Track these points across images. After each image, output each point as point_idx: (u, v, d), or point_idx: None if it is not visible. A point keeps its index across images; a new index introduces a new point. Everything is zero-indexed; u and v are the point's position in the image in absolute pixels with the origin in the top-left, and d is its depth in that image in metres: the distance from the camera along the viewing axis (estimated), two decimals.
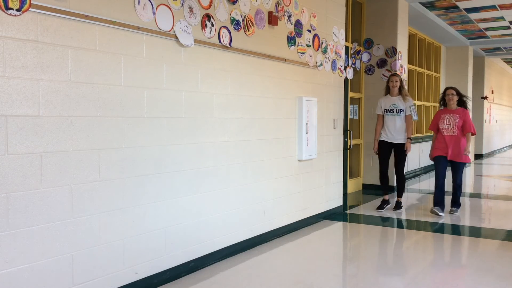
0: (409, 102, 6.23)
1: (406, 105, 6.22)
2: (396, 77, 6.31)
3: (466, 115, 5.94)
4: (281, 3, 4.79)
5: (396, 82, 6.27)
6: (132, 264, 3.27)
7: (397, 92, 6.30)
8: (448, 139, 5.94)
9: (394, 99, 6.29)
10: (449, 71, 12.46)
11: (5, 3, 2.47)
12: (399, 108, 6.21)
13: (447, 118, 5.96)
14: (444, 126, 5.96)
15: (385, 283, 3.71)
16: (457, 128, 5.88)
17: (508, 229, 5.44)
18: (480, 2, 8.27)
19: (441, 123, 6.00)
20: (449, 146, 5.91)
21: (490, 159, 14.78)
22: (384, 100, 6.38)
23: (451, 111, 5.99)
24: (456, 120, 5.90)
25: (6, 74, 2.50)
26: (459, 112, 5.97)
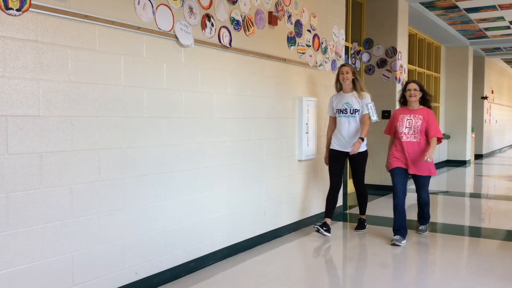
0: (366, 98, 4.94)
1: (362, 103, 4.93)
2: (347, 67, 4.96)
3: (431, 117, 4.77)
4: (281, 3, 4.79)
5: (347, 74, 4.90)
6: (132, 264, 3.27)
7: (350, 87, 4.97)
8: (408, 147, 4.72)
9: (347, 96, 4.98)
10: (449, 71, 12.46)
11: (5, 3, 2.47)
12: (354, 108, 4.93)
13: (407, 120, 4.76)
14: (404, 130, 4.75)
15: (385, 283, 3.71)
16: (420, 132, 4.70)
17: (508, 229, 5.44)
18: (480, 2, 8.27)
19: (399, 125, 4.78)
20: (409, 155, 4.72)
21: (490, 159, 14.78)
22: (336, 98, 5.09)
23: (412, 111, 4.79)
24: (418, 123, 4.70)
25: (6, 74, 2.50)
26: (423, 112, 4.76)
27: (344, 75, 4.93)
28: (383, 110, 8.04)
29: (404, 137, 4.75)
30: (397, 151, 4.82)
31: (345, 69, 4.94)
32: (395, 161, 4.81)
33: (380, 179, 8.09)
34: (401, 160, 4.78)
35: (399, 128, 4.79)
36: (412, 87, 4.80)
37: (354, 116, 4.95)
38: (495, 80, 16.64)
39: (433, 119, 4.78)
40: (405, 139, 4.75)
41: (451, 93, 12.48)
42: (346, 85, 4.96)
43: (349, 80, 4.94)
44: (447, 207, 7.05)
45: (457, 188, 9.10)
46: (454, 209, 6.80)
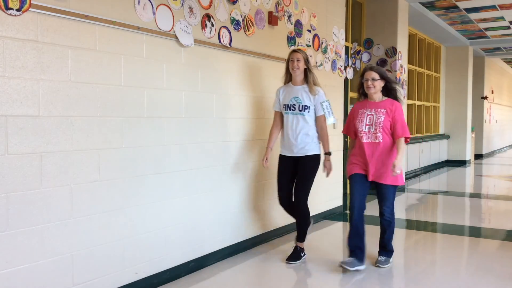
0: (319, 95, 4.04)
1: (315, 101, 4.03)
2: (298, 54, 3.99)
3: (397, 111, 3.84)
4: (281, 3, 4.79)
5: (298, 62, 3.98)
6: (132, 264, 3.27)
7: (301, 78, 4.07)
8: (368, 149, 3.83)
9: (297, 89, 4.06)
10: (449, 71, 12.46)
11: (5, 3, 2.47)
12: (304, 104, 4.01)
13: (367, 116, 3.86)
14: (363, 128, 3.85)
15: (385, 283, 3.71)
16: (383, 130, 3.80)
17: (508, 229, 5.44)
18: (480, 2, 8.27)
19: (358, 123, 3.89)
20: (370, 159, 3.83)
21: (490, 159, 14.78)
22: (283, 90, 4.14)
23: (374, 104, 3.89)
24: (380, 119, 3.81)
25: (6, 74, 2.50)
26: (386, 105, 3.86)
27: (294, 63, 3.99)
28: None
29: (365, 137, 3.85)
30: (357, 154, 3.93)
31: (296, 56, 3.99)
32: (353, 166, 3.93)
33: None
34: (361, 166, 3.90)
35: (358, 126, 3.89)
36: (369, 75, 3.82)
37: (303, 113, 4.01)
38: (495, 80, 16.64)
39: (400, 113, 3.85)
40: (365, 139, 3.84)
41: (451, 93, 12.49)
42: (296, 76, 4.03)
43: (300, 70, 4.01)
44: (447, 207, 7.05)
45: (457, 188, 9.10)
46: (454, 209, 6.80)
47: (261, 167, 4.61)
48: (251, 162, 4.47)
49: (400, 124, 3.81)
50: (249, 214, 4.49)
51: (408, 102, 9.44)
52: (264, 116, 4.61)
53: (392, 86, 3.93)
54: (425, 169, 10.87)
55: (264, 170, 4.60)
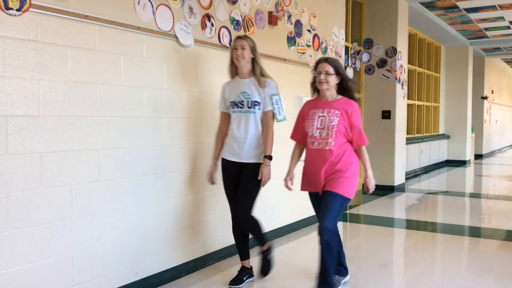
0: (269, 87, 3.40)
1: (264, 94, 3.39)
2: (243, 41, 3.38)
3: (354, 114, 3.18)
4: (281, 3, 4.79)
5: (243, 51, 3.36)
6: (132, 264, 3.27)
7: (248, 69, 3.43)
8: (318, 158, 3.17)
9: (245, 83, 3.44)
10: (449, 71, 12.46)
11: (5, 3, 2.47)
12: (253, 100, 3.37)
13: (319, 117, 3.20)
14: (314, 132, 3.20)
15: (386, 283, 3.71)
16: (336, 136, 3.13)
17: (508, 229, 5.44)
18: (480, 2, 8.27)
19: (308, 125, 3.25)
20: (319, 170, 3.16)
21: (490, 159, 14.78)
22: (229, 86, 3.53)
23: (326, 104, 3.23)
24: (334, 122, 3.14)
25: (6, 74, 2.50)
26: (341, 106, 3.19)
27: (238, 51, 3.34)
28: (383, 110, 8.03)
29: (315, 143, 3.17)
30: (306, 165, 3.29)
31: (240, 43, 3.36)
32: (303, 180, 3.33)
33: (380, 179, 8.08)
34: (311, 180, 3.24)
35: (308, 129, 3.22)
36: (323, 68, 3.17)
37: (253, 111, 3.37)
38: (495, 80, 16.64)
39: (357, 117, 3.18)
40: (315, 145, 3.18)
41: (451, 93, 12.49)
42: (242, 67, 3.39)
43: (246, 60, 3.36)
44: (447, 207, 7.05)
45: (457, 188, 9.11)
46: (454, 209, 6.80)
47: None
48: None
49: (357, 131, 3.18)
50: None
51: (408, 102, 9.45)
52: None
53: (348, 86, 3.24)
54: (425, 169, 10.88)
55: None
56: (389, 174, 8.00)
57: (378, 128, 8.07)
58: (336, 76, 3.20)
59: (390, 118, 7.95)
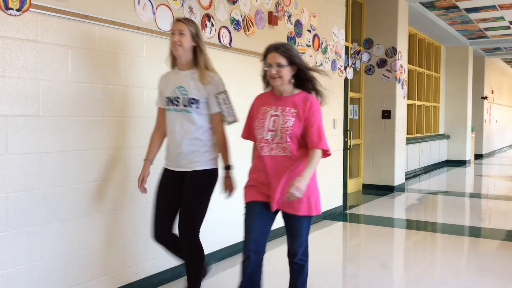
0: (213, 85, 2.84)
1: (208, 92, 2.83)
2: (181, 24, 2.80)
3: (312, 111, 2.61)
4: (281, 3, 4.80)
5: (181, 37, 2.78)
6: (132, 264, 3.27)
7: (189, 59, 2.86)
8: (272, 165, 2.62)
9: (183, 76, 2.87)
10: (449, 71, 12.46)
11: (5, 3, 2.47)
12: (191, 97, 2.81)
13: (271, 117, 2.63)
14: (265, 135, 2.62)
15: (385, 283, 3.71)
16: (292, 139, 2.58)
17: (508, 229, 5.44)
18: (480, 2, 8.27)
19: (258, 126, 2.67)
20: (274, 180, 2.61)
21: (490, 159, 14.78)
22: (166, 78, 2.98)
23: (281, 101, 2.66)
24: (288, 122, 2.59)
25: (6, 74, 2.50)
26: (298, 102, 2.63)
27: (175, 36, 2.78)
28: (383, 110, 8.02)
29: (266, 148, 2.60)
30: (254, 170, 2.72)
31: (178, 27, 2.80)
32: (249, 190, 2.71)
33: (380, 179, 8.09)
34: (259, 189, 2.66)
35: (257, 131, 2.64)
36: (274, 59, 2.58)
37: (189, 111, 2.80)
38: (495, 80, 16.64)
39: (316, 114, 2.61)
40: (266, 151, 2.60)
41: (451, 93, 12.49)
42: (180, 56, 2.84)
43: (184, 48, 2.80)
44: (447, 207, 7.05)
45: (457, 188, 9.11)
46: (454, 209, 6.80)
47: None
48: None
49: (315, 130, 2.58)
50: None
51: (408, 102, 9.44)
52: None
53: (307, 76, 2.65)
54: (425, 169, 10.87)
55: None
56: (389, 174, 8.01)
57: (378, 128, 8.07)
58: (291, 67, 2.59)
59: (390, 118, 7.96)
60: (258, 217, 2.66)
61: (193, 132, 2.82)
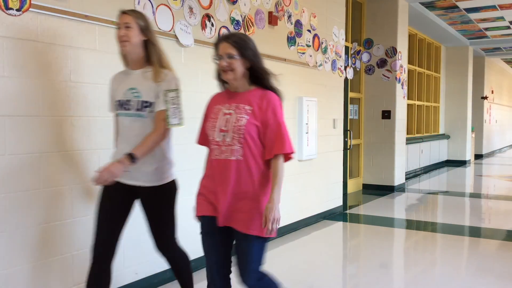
0: (166, 82, 2.52)
1: (159, 90, 2.51)
2: (127, 17, 2.50)
3: (271, 108, 2.27)
4: (281, 3, 4.80)
5: (128, 30, 2.47)
6: (132, 264, 3.27)
7: (138, 56, 2.55)
8: (220, 171, 2.28)
9: (134, 76, 2.56)
10: (449, 71, 12.46)
11: (5, 3, 2.47)
12: (143, 100, 2.50)
13: (224, 115, 2.31)
14: (215, 135, 2.30)
15: (385, 283, 3.71)
16: (245, 141, 2.24)
17: (508, 229, 5.44)
18: (480, 2, 8.27)
19: (210, 126, 2.34)
20: (220, 188, 2.27)
21: (490, 159, 14.79)
22: (117, 79, 2.64)
23: (235, 98, 2.34)
24: (241, 121, 2.25)
25: (6, 74, 2.50)
26: (254, 99, 2.30)
27: (121, 31, 2.47)
28: (383, 110, 8.03)
29: (216, 150, 2.28)
30: (206, 176, 2.39)
31: (124, 20, 2.49)
32: (199, 199, 2.38)
33: (380, 179, 8.09)
34: (208, 198, 2.32)
35: (209, 131, 2.32)
36: (224, 50, 2.26)
37: (143, 115, 2.49)
38: (495, 80, 16.65)
39: (277, 113, 2.26)
40: (216, 154, 2.28)
41: (451, 93, 12.49)
42: (128, 53, 2.50)
43: (132, 44, 2.47)
44: (447, 207, 7.05)
45: (457, 188, 9.11)
46: (454, 209, 6.80)
47: None
48: None
49: (275, 132, 2.22)
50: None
51: (408, 102, 9.44)
52: None
53: (259, 75, 2.32)
54: (425, 169, 10.87)
55: None
56: (389, 174, 8.01)
57: (378, 128, 8.07)
58: (243, 59, 2.26)
59: (390, 118, 7.96)
60: (213, 238, 2.33)
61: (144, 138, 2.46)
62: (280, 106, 2.31)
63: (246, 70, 2.30)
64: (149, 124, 2.49)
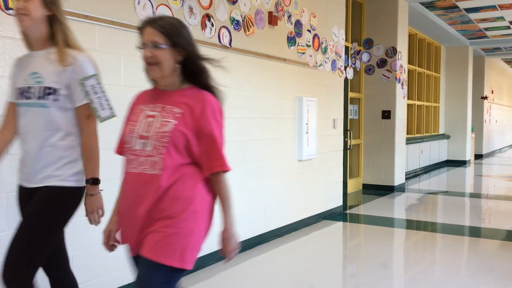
0: (77, 67, 2.07)
1: (69, 77, 2.06)
2: None
3: (207, 112, 1.80)
4: (281, 3, 4.80)
5: (28, 3, 2.00)
6: None
7: (40, 34, 2.09)
8: (135, 187, 1.82)
9: (37, 57, 2.11)
10: (449, 71, 12.46)
11: (5, 3, 2.47)
12: (46, 86, 2.05)
13: (146, 117, 1.84)
14: (134, 143, 1.84)
15: (385, 283, 3.71)
16: (169, 151, 1.76)
17: (508, 229, 5.44)
18: (480, 2, 8.27)
19: (128, 130, 1.89)
20: (130, 208, 1.83)
21: (490, 159, 14.79)
22: (20, 63, 2.20)
23: (163, 97, 1.87)
24: (166, 126, 1.77)
25: (6, 74, 2.50)
26: (185, 99, 1.82)
27: (19, 3, 2.03)
28: (383, 110, 8.02)
29: (134, 162, 1.85)
30: (122, 199, 1.93)
31: None
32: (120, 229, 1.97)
33: (380, 179, 8.09)
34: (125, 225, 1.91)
35: (126, 138, 1.91)
36: (149, 37, 1.84)
37: (45, 105, 2.06)
38: (495, 80, 16.65)
39: (212, 118, 1.82)
40: (133, 167, 1.85)
41: (451, 93, 12.49)
42: (29, 29, 2.08)
43: (33, 18, 2.04)
44: (447, 207, 7.05)
45: (457, 188, 9.11)
46: (454, 209, 6.80)
47: (262, 167, 4.60)
48: (251, 162, 4.46)
49: (210, 143, 1.79)
50: (249, 214, 4.46)
51: (408, 102, 9.45)
52: (264, 116, 4.61)
53: (197, 66, 1.88)
54: (425, 169, 10.87)
55: (260, 175, 4.59)
56: (389, 174, 8.01)
57: (378, 128, 8.08)
58: (173, 50, 1.81)
59: (390, 118, 7.96)
60: None
61: (50, 136, 2.05)
62: (219, 111, 1.85)
63: (177, 65, 1.83)
64: (54, 115, 2.04)
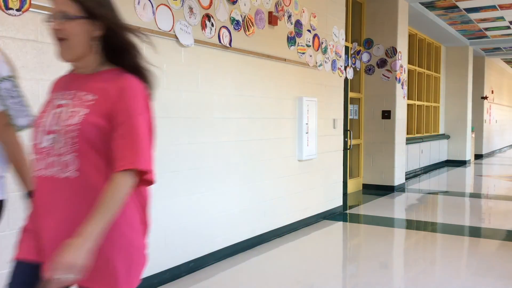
0: None
1: None
2: None
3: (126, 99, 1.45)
4: (281, 3, 4.79)
5: None
6: None
7: None
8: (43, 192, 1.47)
9: None
10: (449, 71, 12.46)
11: (5, 3, 2.47)
12: None
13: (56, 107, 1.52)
14: (41, 139, 1.48)
15: (385, 283, 3.71)
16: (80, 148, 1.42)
17: (508, 229, 5.44)
18: (480, 2, 8.27)
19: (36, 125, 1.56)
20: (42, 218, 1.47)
21: (490, 159, 14.78)
22: None
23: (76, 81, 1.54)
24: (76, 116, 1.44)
25: None
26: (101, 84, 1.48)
27: None
28: (383, 110, 8.02)
29: (42, 162, 1.48)
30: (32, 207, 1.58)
31: None
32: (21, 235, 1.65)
33: (380, 179, 8.09)
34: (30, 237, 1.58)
35: (33, 134, 1.56)
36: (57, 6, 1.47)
37: None
38: (495, 80, 16.65)
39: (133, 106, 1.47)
40: (41, 168, 1.48)
41: (451, 93, 12.49)
42: None
43: None
44: (447, 207, 7.05)
45: (457, 188, 9.11)
46: (454, 209, 6.80)
47: (262, 167, 4.60)
48: (251, 162, 4.46)
49: (126, 133, 1.45)
50: (249, 214, 4.46)
51: (408, 102, 9.45)
52: (264, 116, 4.61)
53: (121, 42, 1.58)
54: (425, 169, 10.87)
55: (260, 175, 4.59)
56: (389, 174, 8.01)
57: (378, 128, 8.08)
58: (88, 22, 1.48)
59: (390, 118, 7.96)
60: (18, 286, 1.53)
61: None
62: (141, 96, 1.51)
63: (95, 41, 1.50)
64: None
